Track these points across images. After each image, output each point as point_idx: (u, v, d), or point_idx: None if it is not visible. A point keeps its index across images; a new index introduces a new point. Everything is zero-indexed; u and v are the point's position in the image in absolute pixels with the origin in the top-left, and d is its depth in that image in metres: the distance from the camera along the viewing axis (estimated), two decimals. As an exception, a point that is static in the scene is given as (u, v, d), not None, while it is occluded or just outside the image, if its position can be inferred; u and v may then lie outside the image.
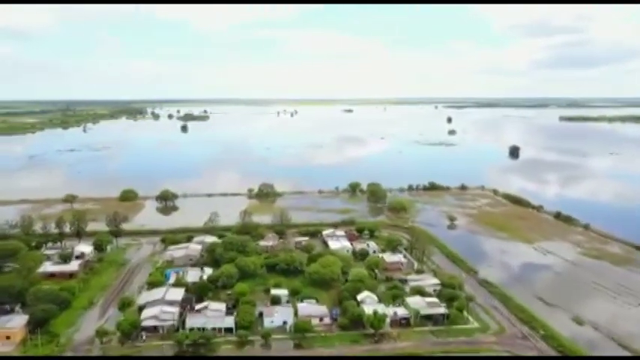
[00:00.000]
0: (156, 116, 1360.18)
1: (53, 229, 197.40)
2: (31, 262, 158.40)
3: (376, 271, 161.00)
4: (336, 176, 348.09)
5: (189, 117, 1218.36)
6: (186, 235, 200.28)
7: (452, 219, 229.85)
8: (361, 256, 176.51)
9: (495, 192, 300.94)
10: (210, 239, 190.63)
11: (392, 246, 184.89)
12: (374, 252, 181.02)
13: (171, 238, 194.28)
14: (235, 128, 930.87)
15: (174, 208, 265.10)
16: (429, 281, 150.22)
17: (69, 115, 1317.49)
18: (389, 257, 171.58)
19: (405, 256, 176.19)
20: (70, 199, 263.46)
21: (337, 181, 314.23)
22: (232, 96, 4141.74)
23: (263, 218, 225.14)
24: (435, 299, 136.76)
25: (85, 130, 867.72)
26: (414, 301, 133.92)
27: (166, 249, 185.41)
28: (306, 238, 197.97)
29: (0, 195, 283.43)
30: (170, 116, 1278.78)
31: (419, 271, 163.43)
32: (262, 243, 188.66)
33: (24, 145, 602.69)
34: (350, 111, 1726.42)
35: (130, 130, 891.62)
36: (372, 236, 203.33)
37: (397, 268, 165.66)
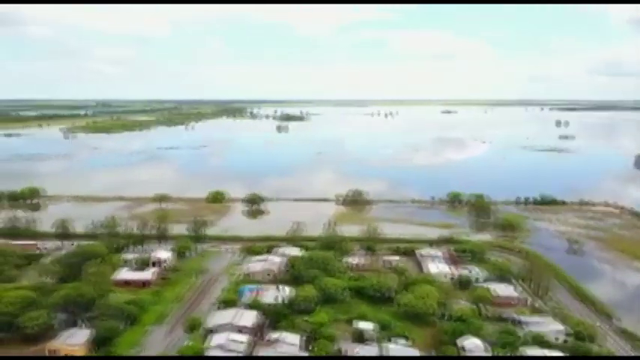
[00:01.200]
0: (254, 116, 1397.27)
1: (136, 230, 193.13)
2: (108, 268, 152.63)
3: (482, 306, 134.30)
4: (432, 183, 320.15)
5: (285, 117, 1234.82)
6: (268, 244, 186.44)
7: (574, 242, 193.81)
8: (463, 284, 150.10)
9: (623, 209, 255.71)
10: (292, 251, 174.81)
11: (501, 274, 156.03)
12: (477, 280, 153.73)
13: (251, 247, 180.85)
14: (330, 129, 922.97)
15: (261, 212, 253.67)
16: (551, 326, 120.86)
17: (175, 114, 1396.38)
18: (498, 289, 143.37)
19: (516, 288, 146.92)
20: (159, 198, 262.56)
21: (433, 189, 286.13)
22: (329, 97, 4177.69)
23: (351, 229, 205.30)
24: (560, 353, 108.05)
25: (187, 129, 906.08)
26: (533, 354, 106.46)
27: (245, 260, 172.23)
28: (398, 258, 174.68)
29: (100, 191, 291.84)
30: (267, 116, 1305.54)
31: (537, 311, 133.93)
32: (348, 260, 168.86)
33: (131, 142, 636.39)
34: (449, 112, 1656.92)
35: (228, 129, 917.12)
36: (474, 259, 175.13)
37: (508, 304, 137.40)
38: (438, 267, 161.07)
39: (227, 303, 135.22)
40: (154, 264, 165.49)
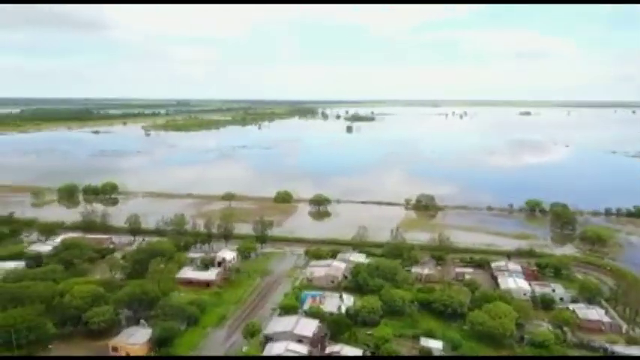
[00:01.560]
0: (325, 116, 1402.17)
1: (203, 228, 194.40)
2: (174, 266, 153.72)
3: (566, 330, 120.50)
4: (509, 189, 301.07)
5: (356, 118, 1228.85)
6: (332, 248, 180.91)
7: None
8: (544, 304, 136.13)
9: None
10: (357, 257, 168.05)
11: (588, 294, 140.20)
12: (561, 299, 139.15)
13: (315, 251, 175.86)
14: (401, 129, 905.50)
15: (327, 214, 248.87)
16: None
17: (249, 113, 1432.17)
18: (584, 312, 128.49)
19: (607, 312, 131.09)
20: (228, 197, 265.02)
21: (510, 195, 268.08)
22: (401, 97, 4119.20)
23: (419, 236, 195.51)
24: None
25: (259, 128, 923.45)
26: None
27: (308, 264, 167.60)
28: (471, 270, 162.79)
29: (172, 188, 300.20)
30: (338, 117, 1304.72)
31: (633, 340, 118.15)
32: (415, 270, 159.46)
33: (205, 141, 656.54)
34: (528, 114, 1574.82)
35: (299, 129, 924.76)
36: (557, 276, 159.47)
37: (598, 330, 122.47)
38: (515, 283, 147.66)
39: (287, 309, 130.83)
40: (218, 264, 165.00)
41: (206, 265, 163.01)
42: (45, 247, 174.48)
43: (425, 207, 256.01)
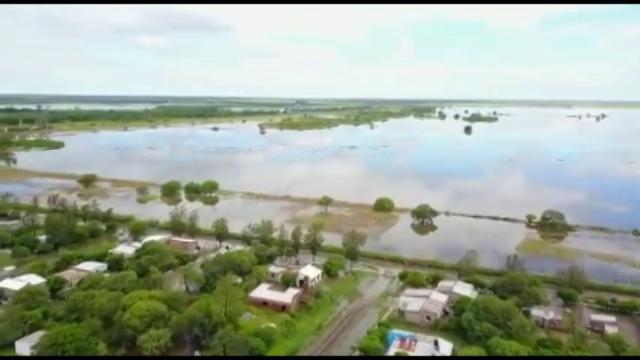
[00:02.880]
0: (442, 116, 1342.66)
1: (291, 238, 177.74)
2: (252, 281, 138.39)
3: None
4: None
5: (475, 118, 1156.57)
6: (433, 273, 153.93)
7: None
8: None
9: None
10: (462, 289, 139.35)
11: None
12: None
13: (412, 277, 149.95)
14: (524, 131, 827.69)
15: (431, 229, 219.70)
16: None
17: (364, 112, 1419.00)
18: None
19: None
20: (324, 201, 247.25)
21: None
22: (525, 97, 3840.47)
23: (543, 264, 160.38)
24: None
25: (371, 127, 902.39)
26: None
27: (403, 291, 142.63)
28: (612, 319, 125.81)
29: (272, 188, 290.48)
30: (457, 116, 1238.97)
31: None
32: (536, 312, 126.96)
33: (316, 140, 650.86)
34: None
35: (413, 129, 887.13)
36: None
37: None
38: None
39: (368, 351, 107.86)
40: (301, 282, 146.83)
41: (287, 282, 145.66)
42: (129, 249, 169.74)
43: (552, 226, 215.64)
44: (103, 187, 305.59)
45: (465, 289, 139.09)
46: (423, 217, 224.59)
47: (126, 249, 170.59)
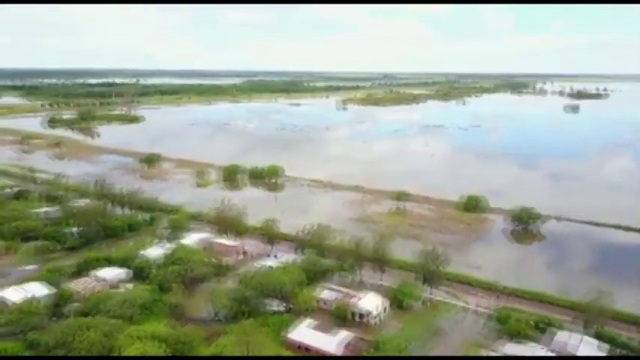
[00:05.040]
0: (541, 92, 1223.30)
1: (353, 246, 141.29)
2: (291, 317, 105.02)
3: None
4: None
5: (582, 94, 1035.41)
6: (540, 314, 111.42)
7: None
8: None
9: None
10: (584, 346, 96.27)
11: None
12: None
13: (514, 324, 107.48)
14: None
15: (538, 238, 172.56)
16: None
17: (454, 87, 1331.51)
18: None
19: None
20: (400, 196, 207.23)
21: None
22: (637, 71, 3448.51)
23: None
24: None
25: (464, 104, 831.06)
26: None
27: (500, 341, 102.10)
28: None
29: (339, 174, 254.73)
30: (561, 93, 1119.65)
31: None
32: None
33: (398, 117, 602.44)
34: None
35: (507, 106, 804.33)
36: None
37: None
38: None
39: None
40: (354, 316, 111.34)
41: (340, 316, 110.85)
42: (160, 252, 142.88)
43: None
44: (166, 167, 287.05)
45: (588, 347, 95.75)
46: (522, 223, 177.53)
47: (156, 251, 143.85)
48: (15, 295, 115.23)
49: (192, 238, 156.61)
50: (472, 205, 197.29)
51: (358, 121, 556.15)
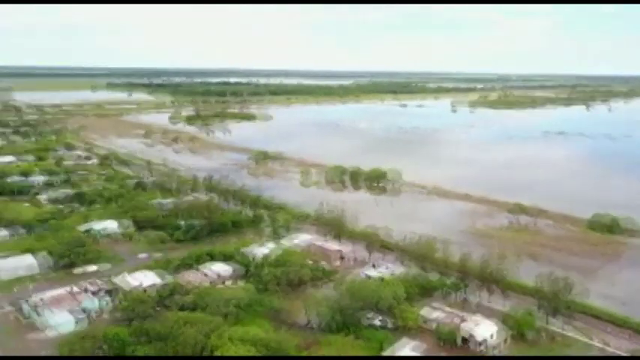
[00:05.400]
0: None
1: (458, 261, 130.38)
2: (387, 333, 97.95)
3: None
4: None
5: None
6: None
7: None
8: None
9: None
10: None
11: None
12: None
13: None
14: None
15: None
16: None
17: (578, 91, 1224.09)
18: None
19: None
20: (517, 209, 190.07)
21: None
22: None
23: None
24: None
25: (609, 110, 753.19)
26: None
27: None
28: None
29: (449, 181, 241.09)
30: None
31: None
32: None
33: (512, 121, 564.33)
34: None
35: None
36: None
37: None
38: None
39: None
40: (465, 342, 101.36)
41: (442, 338, 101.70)
42: (259, 250, 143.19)
43: None
44: (274, 165, 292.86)
45: None
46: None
47: (258, 250, 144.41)
48: (129, 282, 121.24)
49: (292, 239, 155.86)
50: (604, 226, 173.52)
51: (469, 124, 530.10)
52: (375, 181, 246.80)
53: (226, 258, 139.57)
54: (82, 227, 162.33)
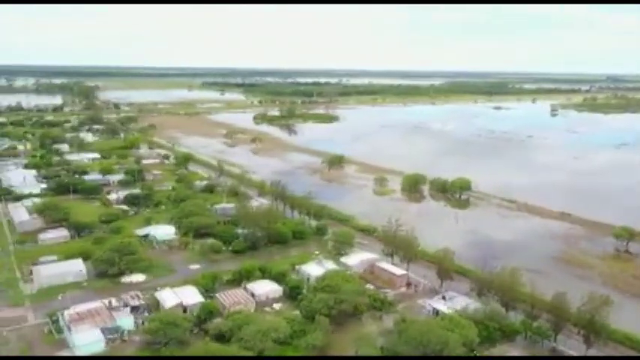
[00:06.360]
0: None
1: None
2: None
3: None
4: None
5: None
6: None
7: None
8: None
9: None
10: None
11: None
12: None
13: None
14: None
15: None
16: None
17: None
18: None
19: None
20: (625, 234, 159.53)
21: None
22: None
23: None
24: None
25: None
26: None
27: None
28: None
29: (535, 196, 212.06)
30: None
31: None
32: None
33: (620, 127, 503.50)
34: None
35: None
36: None
37: None
38: None
39: None
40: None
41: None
42: (314, 269, 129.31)
43: None
44: (348, 170, 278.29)
45: None
46: None
47: (314, 269, 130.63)
48: (170, 298, 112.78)
49: (353, 258, 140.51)
50: None
51: (571, 129, 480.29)
52: (458, 192, 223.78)
53: (279, 276, 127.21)
54: (141, 231, 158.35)
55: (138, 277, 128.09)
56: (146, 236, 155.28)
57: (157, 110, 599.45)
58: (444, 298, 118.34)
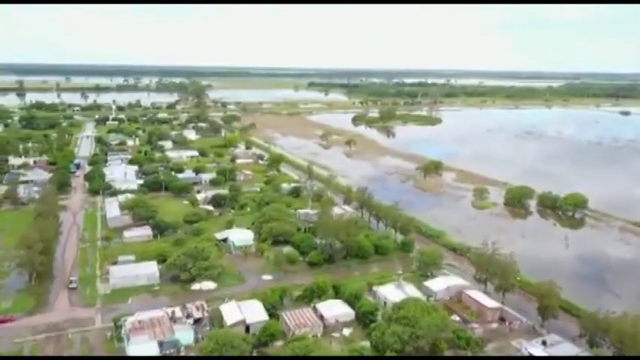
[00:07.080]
0: None
1: None
2: None
3: None
4: None
5: None
6: None
7: None
8: None
9: None
10: None
11: None
12: None
13: None
14: None
15: None
16: None
17: None
18: None
19: None
20: None
21: None
22: None
23: None
24: None
25: None
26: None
27: None
28: None
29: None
30: None
31: None
32: None
33: None
34: None
35: None
36: None
37: None
38: None
39: None
40: None
41: None
42: (393, 293, 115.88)
43: None
44: (444, 178, 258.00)
45: None
46: None
47: (392, 293, 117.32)
48: (232, 314, 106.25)
49: (439, 282, 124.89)
50: None
51: None
52: (571, 210, 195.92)
53: (351, 298, 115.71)
54: (220, 235, 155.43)
55: (208, 285, 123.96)
56: (225, 240, 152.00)
57: (261, 109, 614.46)
58: (544, 343, 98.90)
